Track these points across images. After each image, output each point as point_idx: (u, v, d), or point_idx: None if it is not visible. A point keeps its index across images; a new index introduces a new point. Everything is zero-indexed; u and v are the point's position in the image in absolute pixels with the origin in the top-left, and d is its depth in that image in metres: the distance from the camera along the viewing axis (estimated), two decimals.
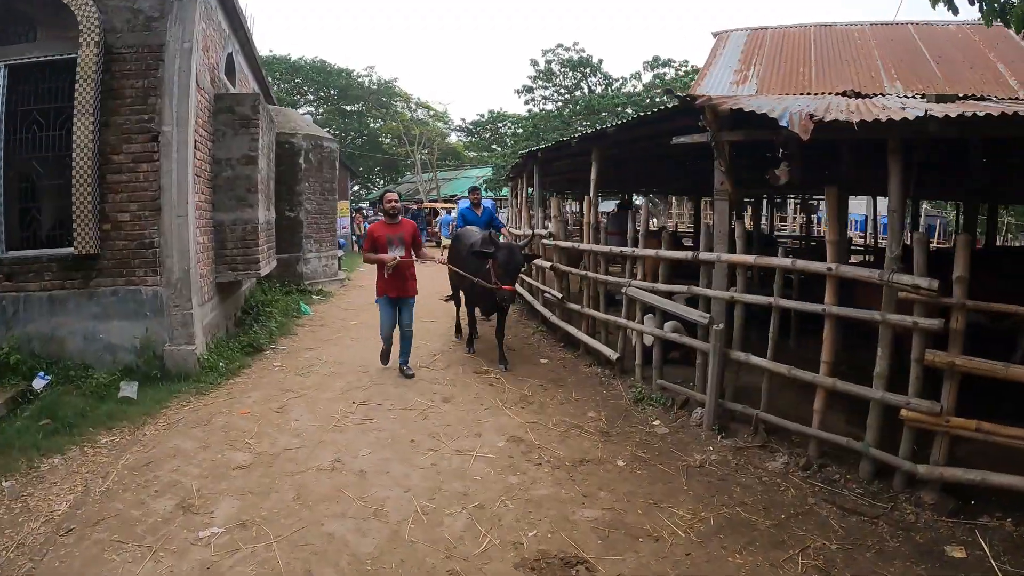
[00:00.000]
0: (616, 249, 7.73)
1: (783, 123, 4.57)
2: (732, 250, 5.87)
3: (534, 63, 37.95)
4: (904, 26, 13.12)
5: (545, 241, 9.62)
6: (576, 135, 9.10)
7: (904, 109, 4.42)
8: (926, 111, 4.11)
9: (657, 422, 6.02)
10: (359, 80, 42.65)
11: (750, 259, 5.71)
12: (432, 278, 12.09)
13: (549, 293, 9.43)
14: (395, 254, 7.11)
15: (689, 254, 6.43)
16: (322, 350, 8.60)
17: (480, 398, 6.63)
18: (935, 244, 21.80)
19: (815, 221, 21.56)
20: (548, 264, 9.40)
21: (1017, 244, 27.62)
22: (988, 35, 11.07)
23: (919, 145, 5.72)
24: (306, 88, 41.05)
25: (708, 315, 5.98)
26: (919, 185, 10.49)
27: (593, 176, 8.73)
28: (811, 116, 4.40)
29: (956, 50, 11.41)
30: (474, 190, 10.97)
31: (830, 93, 8.62)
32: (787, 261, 5.56)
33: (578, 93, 37.49)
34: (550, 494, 4.54)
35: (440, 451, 5.27)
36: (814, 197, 18.50)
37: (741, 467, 5.06)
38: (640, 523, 4.17)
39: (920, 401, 4.39)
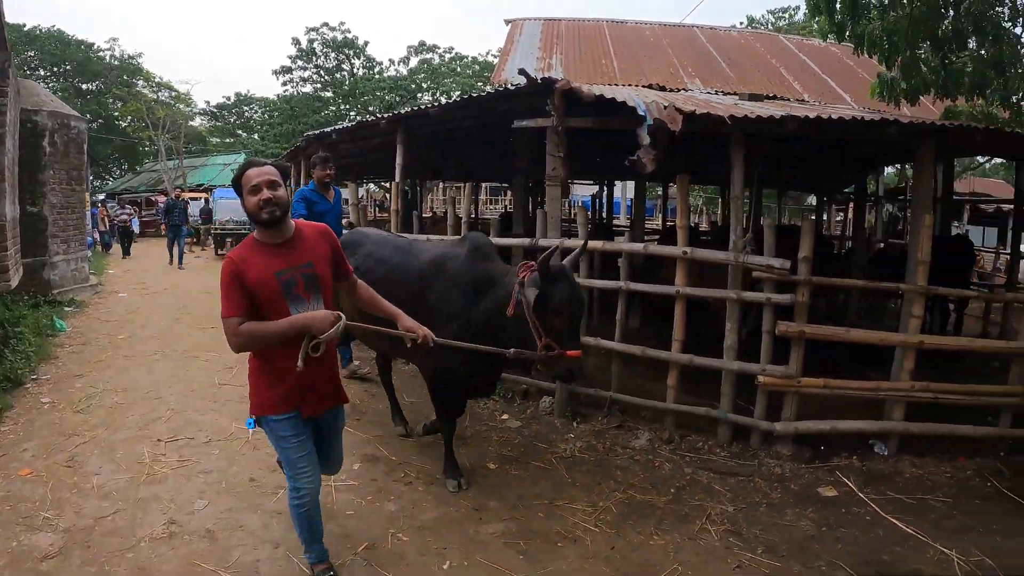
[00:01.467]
0: (435, 238, 7.49)
1: (641, 112, 4.80)
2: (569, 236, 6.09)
3: (296, 42, 36.61)
4: (691, 28, 14.71)
5: None
6: (385, 115, 8.73)
7: (737, 105, 4.91)
8: (788, 110, 4.61)
9: (506, 416, 6.06)
10: (99, 54, 37.62)
11: (599, 244, 5.94)
12: None
13: None
14: (308, 311, 3.08)
15: (527, 241, 6.50)
16: (95, 375, 7.18)
17: None
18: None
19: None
20: None
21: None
22: (767, 42, 12.88)
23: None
24: (38, 63, 35.41)
25: None
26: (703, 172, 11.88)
27: (399, 160, 8.47)
28: (677, 108, 4.66)
29: (742, 54, 13.01)
30: (325, 161, 6.74)
31: (638, 86, 9.22)
32: (639, 246, 5.89)
33: (339, 75, 36.50)
34: (440, 515, 4.26)
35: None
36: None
37: (610, 450, 5.34)
38: (548, 527, 4.17)
39: (774, 367, 5.13)
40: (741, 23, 37.06)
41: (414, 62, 38.31)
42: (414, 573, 3.63)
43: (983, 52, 7.14)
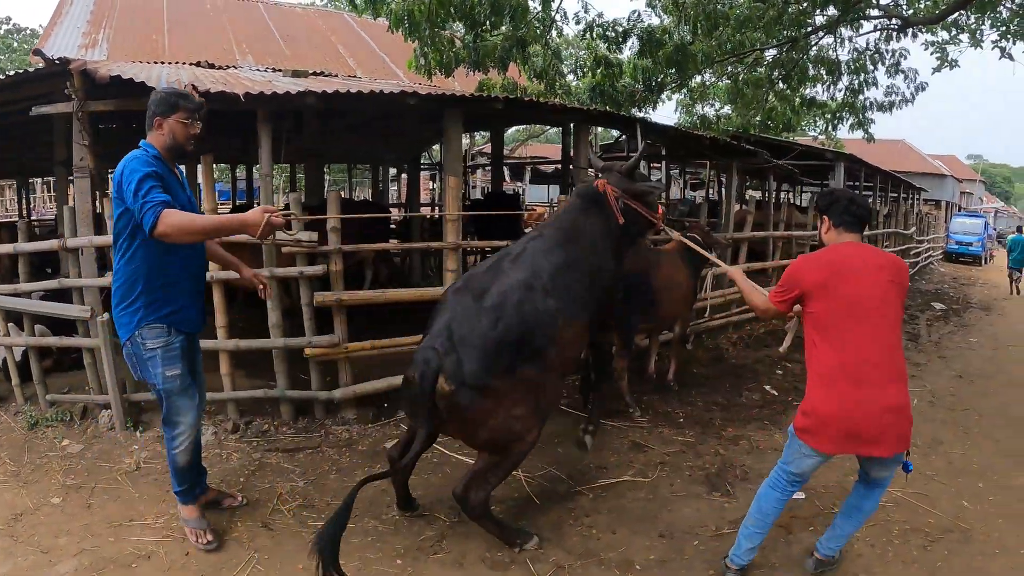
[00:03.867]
0: None
1: None
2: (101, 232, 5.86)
3: None
4: (256, 4, 14.73)
5: None
6: None
7: (272, 83, 5.20)
8: (307, 87, 4.98)
9: (67, 442, 5.63)
10: None
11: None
12: None
13: None
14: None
15: (55, 243, 6.07)
16: None
17: None
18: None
19: None
20: None
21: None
22: (330, 20, 13.35)
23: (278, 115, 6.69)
24: None
25: (88, 308, 5.83)
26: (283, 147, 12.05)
27: None
28: (194, 86, 4.76)
29: (302, 31, 13.44)
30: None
31: (187, 63, 9.01)
32: None
33: None
34: (9, 571, 3.90)
35: None
36: None
37: None
38: (121, 550, 3.96)
39: (320, 337, 5.56)
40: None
41: None
42: None
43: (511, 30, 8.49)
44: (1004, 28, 9.78)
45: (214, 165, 6.71)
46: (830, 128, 13.79)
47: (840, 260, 3.26)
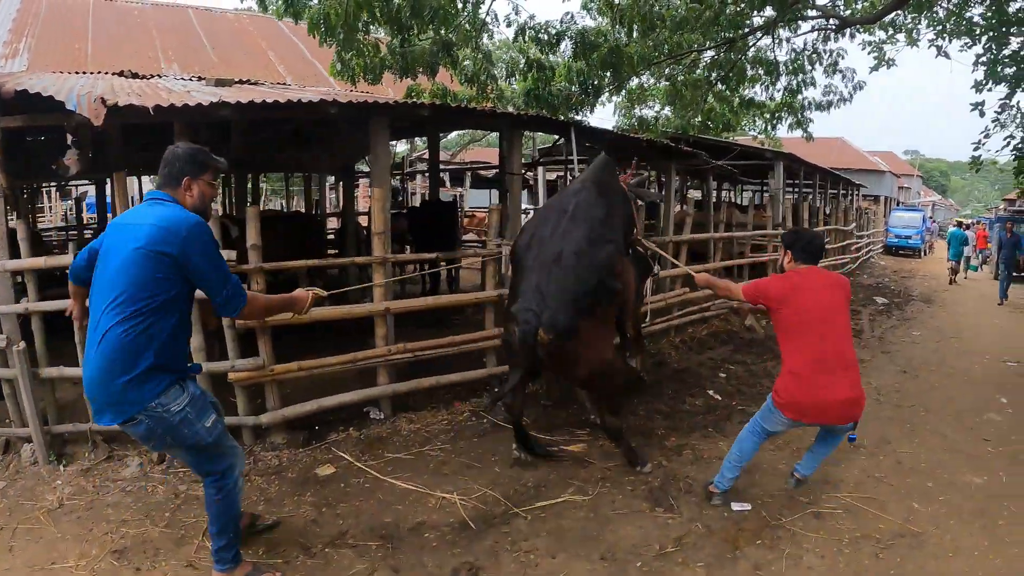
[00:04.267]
0: None
1: (71, 106, 4.59)
2: (16, 254, 5.51)
3: None
4: (184, 10, 14.57)
5: None
6: None
7: (191, 93, 4.98)
8: (220, 97, 4.77)
9: None
10: None
11: (40, 262, 5.45)
12: None
13: None
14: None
15: None
16: None
17: None
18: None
19: (84, 208, 20.67)
20: None
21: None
22: (262, 26, 13.08)
23: (203, 126, 6.44)
24: None
25: (4, 336, 5.52)
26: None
27: None
28: (103, 100, 4.53)
29: (232, 38, 13.24)
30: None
31: (109, 73, 8.77)
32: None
33: None
34: None
35: None
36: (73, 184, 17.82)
37: (101, 487, 5.01)
38: None
39: (243, 361, 5.34)
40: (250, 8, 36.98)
41: None
42: None
43: (439, 35, 8.35)
44: (940, 27, 10.02)
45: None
46: (769, 128, 13.98)
47: (799, 280, 4.33)
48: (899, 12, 10.11)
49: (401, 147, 27.02)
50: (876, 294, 15.53)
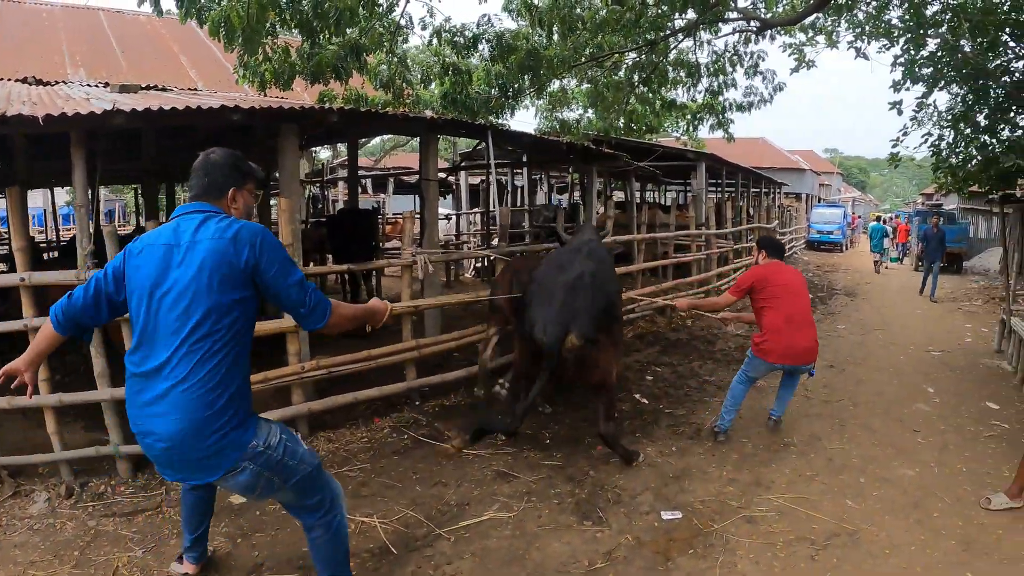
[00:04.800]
0: None
1: None
2: None
3: None
4: (95, 12, 14.22)
5: None
6: None
7: (90, 100, 4.73)
8: (114, 104, 4.54)
9: None
10: None
11: None
12: None
13: None
14: None
15: None
16: None
17: None
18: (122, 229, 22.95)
19: None
20: None
21: None
22: (175, 29, 12.69)
23: (104, 134, 6.14)
24: None
25: None
26: (98, 171, 11.38)
27: None
28: None
29: (145, 41, 12.98)
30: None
31: (11, 79, 8.38)
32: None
33: None
34: None
35: None
36: None
37: (7, 526, 4.68)
38: None
39: None
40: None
41: None
42: None
43: (347, 38, 8.16)
44: (860, 30, 10.29)
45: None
46: (691, 129, 14.18)
47: (773, 268, 6.03)
48: (819, 15, 10.34)
49: (324, 153, 26.63)
50: None
